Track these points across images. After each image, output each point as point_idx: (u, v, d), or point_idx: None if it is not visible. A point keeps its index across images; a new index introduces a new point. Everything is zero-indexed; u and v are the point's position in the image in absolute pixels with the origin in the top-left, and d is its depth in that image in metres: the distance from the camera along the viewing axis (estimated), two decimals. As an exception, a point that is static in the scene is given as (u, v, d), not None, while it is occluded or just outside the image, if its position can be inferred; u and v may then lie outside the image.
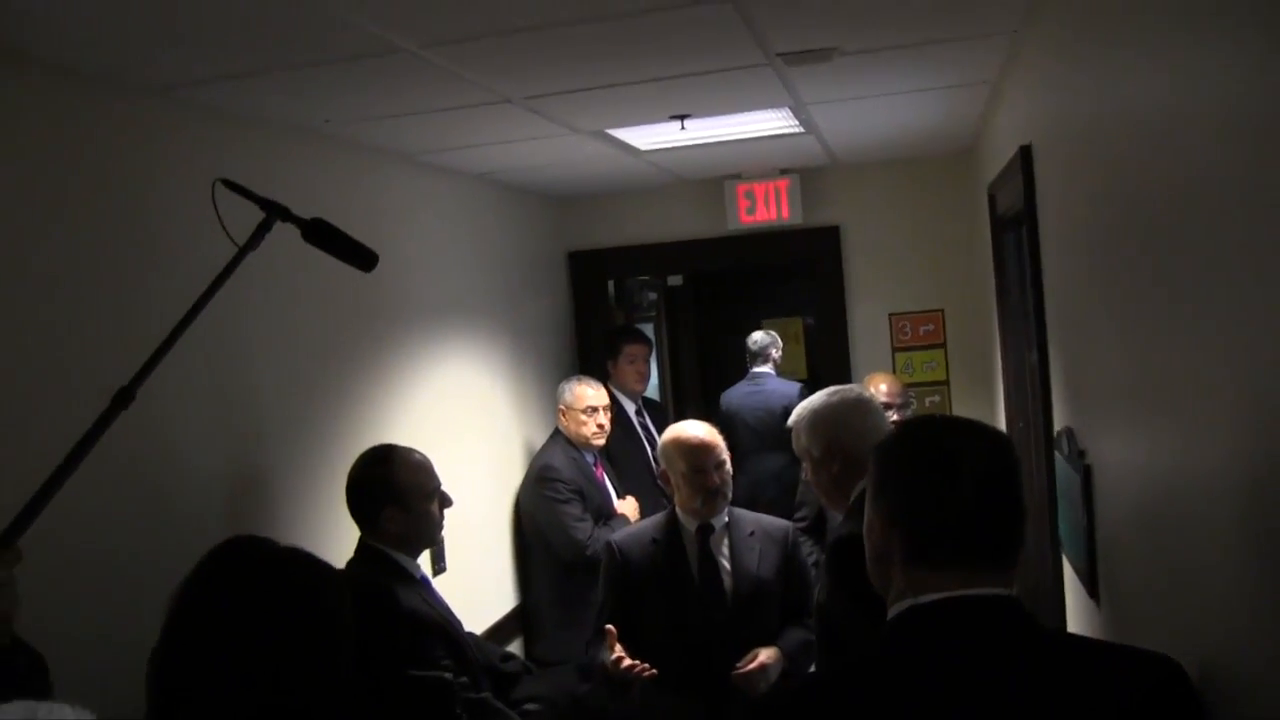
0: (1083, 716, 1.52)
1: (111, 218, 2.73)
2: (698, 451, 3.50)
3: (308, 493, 3.36)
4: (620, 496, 5.09)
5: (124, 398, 2.09)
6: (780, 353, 6.72)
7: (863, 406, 2.98)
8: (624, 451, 5.44)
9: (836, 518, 3.17)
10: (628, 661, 3.26)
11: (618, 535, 3.67)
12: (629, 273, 7.33)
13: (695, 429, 3.59)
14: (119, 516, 2.61)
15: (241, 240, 2.41)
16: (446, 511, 3.19)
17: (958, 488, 1.62)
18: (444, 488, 3.17)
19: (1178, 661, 1.59)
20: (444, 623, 3.03)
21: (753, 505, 5.11)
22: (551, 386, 5.49)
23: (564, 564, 4.74)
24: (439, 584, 3.36)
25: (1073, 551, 2.88)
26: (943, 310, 5.64)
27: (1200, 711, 1.57)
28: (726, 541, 3.56)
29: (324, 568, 1.86)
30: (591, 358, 5.90)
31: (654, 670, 3.26)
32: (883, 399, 4.66)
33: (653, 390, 7.65)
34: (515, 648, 4.91)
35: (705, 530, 3.53)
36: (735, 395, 6.63)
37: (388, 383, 3.95)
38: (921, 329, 5.67)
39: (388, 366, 3.96)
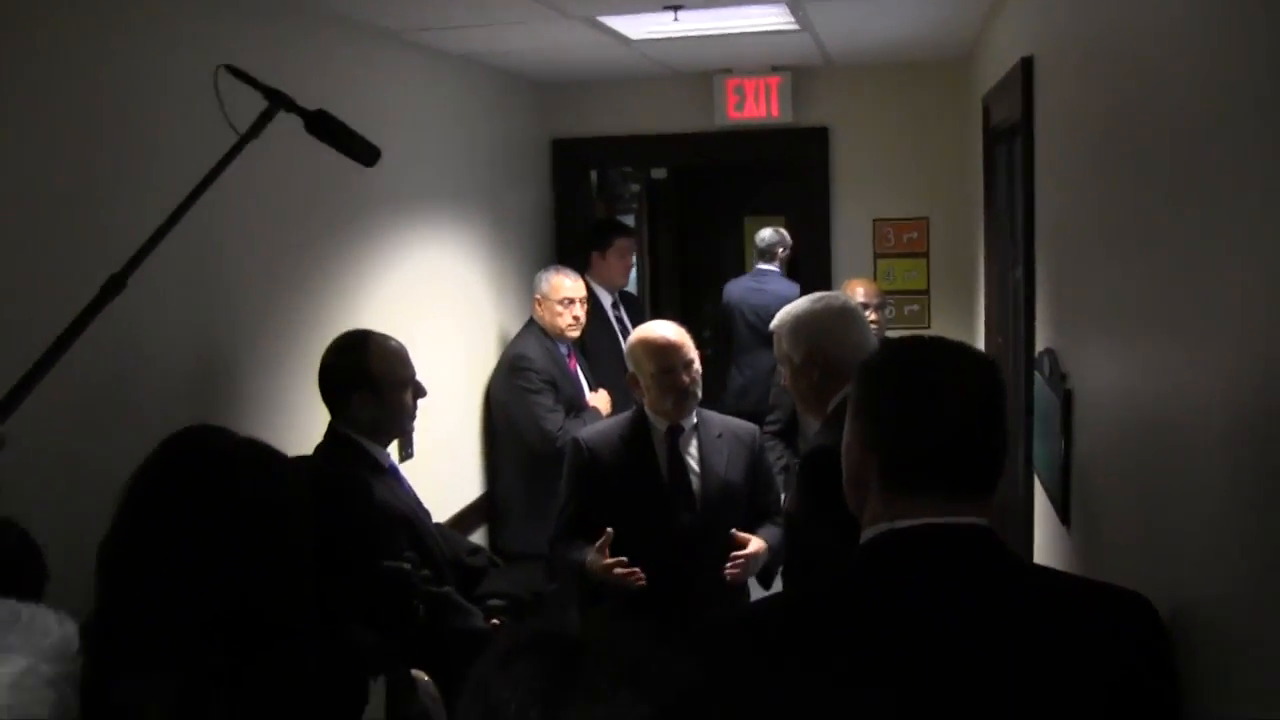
0: (1053, 651, 1.52)
1: (105, 101, 2.64)
2: (666, 352, 3.44)
3: (280, 377, 3.30)
4: (593, 389, 5.07)
5: (115, 285, 2.05)
6: (787, 251, 6.70)
7: (847, 315, 2.94)
8: (599, 345, 5.40)
9: (811, 425, 3.15)
10: (620, 568, 3.27)
11: (585, 432, 3.62)
12: (613, 163, 7.22)
13: (663, 329, 3.53)
14: (87, 405, 2.55)
15: (240, 127, 2.35)
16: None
17: (940, 412, 1.58)
18: (418, 377, 3.13)
19: (1148, 599, 1.58)
20: (410, 514, 3.00)
21: (745, 399, 5.08)
22: (530, 275, 5.42)
23: (533, 455, 4.72)
24: (406, 470, 3.33)
25: (1046, 475, 2.87)
26: (928, 219, 5.58)
27: (1169, 648, 1.57)
28: (695, 443, 3.53)
29: (281, 460, 1.81)
30: (571, 248, 5.82)
31: (643, 577, 3.27)
32: (859, 299, 4.63)
33: (630, 285, 7.59)
34: (480, 536, 4.92)
35: (674, 431, 3.50)
36: (737, 289, 6.74)
37: (364, 267, 3.87)
38: (905, 236, 5.62)
39: (365, 250, 3.88)
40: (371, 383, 2.97)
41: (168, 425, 2.66)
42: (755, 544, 3.41)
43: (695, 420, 3.54)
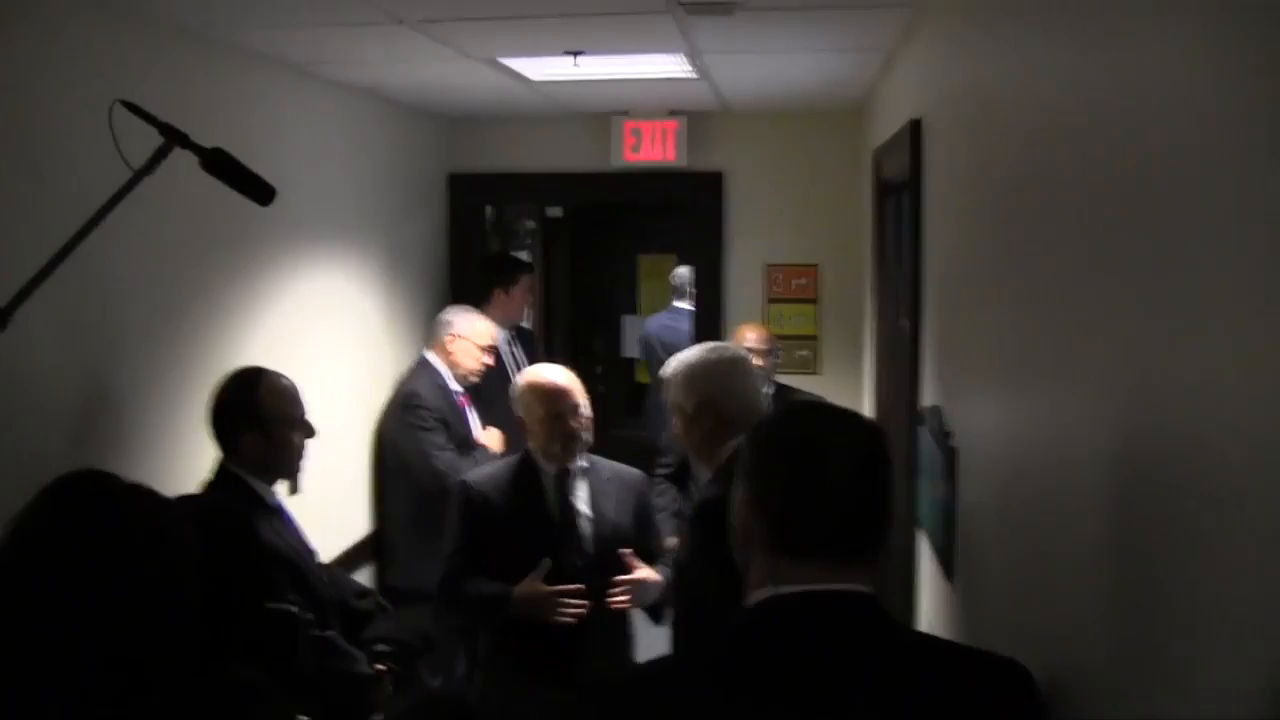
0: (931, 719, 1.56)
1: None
2: (555, 397, 3.45)
3: (168, 414, 3.23)
4: (483, 427, 5.05)
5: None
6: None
7: (740, 366, 2.98)
8: (493, 383, 5.38)
9: (703, 471, 3.18)
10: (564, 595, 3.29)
11: (472, 475, 3.59)
12: (509, 200, 7.22)
13: (552, 374, 3.53)
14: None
15: (134, 160, 2.33)
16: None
17: (823, 479, 1.61)
18: (309, 415, 3.09)
19: (1025, 666, 1.62)
20: (294, 556, 2.96)
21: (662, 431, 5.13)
22: (422, 310, 5.41)
23: (422, 493, 4.68)
24: (293, 505, 3.26)
25: (931, 529, 2.94)
26: (817, 265, 5.68)
27: (1044, 714, 1.61)
28: (585, 487, 3.55)
29: (166, 504, 1.79)
30: (465, 282, 5.80)
31: (585, 605, 3.31)
32: (749, 344, 4.69)
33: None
34: (367, 574, 4.86)
35: (563, 475, 3.51)
36: (654, 324, 7.08)
37: (257, 299, 3.82)
38: (794, 282, 5.70)
39: (258, 282, 3.82)
40: (261, 422, 2.93)
41: (51, 464, 2.59)
42: (644, 571, 3.43)
43: (585, 464, 3.55)
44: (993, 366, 2.29)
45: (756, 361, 4.60)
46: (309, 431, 3.07)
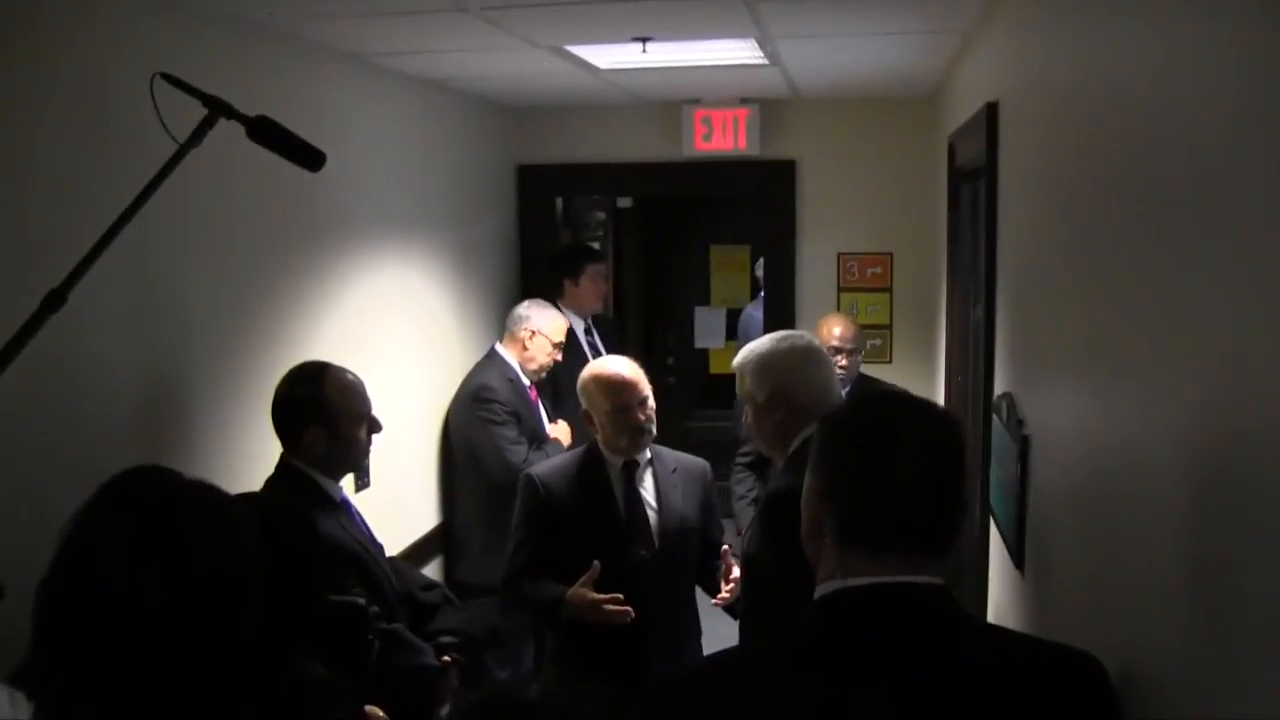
0: (1003, 713, 1.51)
1: (46, 112, 2.57)
2: (621, 390, 3.41)
3: (231, 405, 3.24)
4: (552, 420, 5.03)
5: (55, 300, 2.00)
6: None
7: (812, 355, 2.92)
8: (570, 373, 5.35)
9: (777, 463, 3.13)
10: (610, 604, 3.25)
11: (538, 470, 3.56)
12: (579, 191, 7.21)
13: (617, 366, 3.49)
14: (22, 433, 2.48)
15: (182, 137, 2.30)
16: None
17: (898, 472, 1.57)
18: (376, 409, 3.08)
19: (1097, 659, 1.58)
20: (359, 550, 2.95)
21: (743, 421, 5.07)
22: (492, 304, 5.40)
23: (493, 487, 4.66)
24: (361, 500, 3.28)
25: (1002, 520, 2.85)
26: (891, 254, 5.59)
27: (1117, 709, 1.57)
28: (650, 478, 3.51)
29: (229, 502, 1.76)
30: (535, 275, 5.79)
31: (631, 613, 3.26)
32: (835, 342, 4.61)
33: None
34: (436, 568, 4.86)
35: (630, 467, 3.47)
36: (746, 318, 7.30)
37: (323, 290, 3.82)
38: (869, 271, 5.62)
39: (324, 274, 3.82)
40: (326, 417, 2.92)
41: (110, 451, 2.66)
42: (737, 571, 3.37)
43: (649, 455, 3.51)
44: (1067, 355, 2.22)
45: (841, 362, 4.56)
46: (375, 427, 3.05)
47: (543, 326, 4.92)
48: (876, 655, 1.52)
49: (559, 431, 4.96)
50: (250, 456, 3.16)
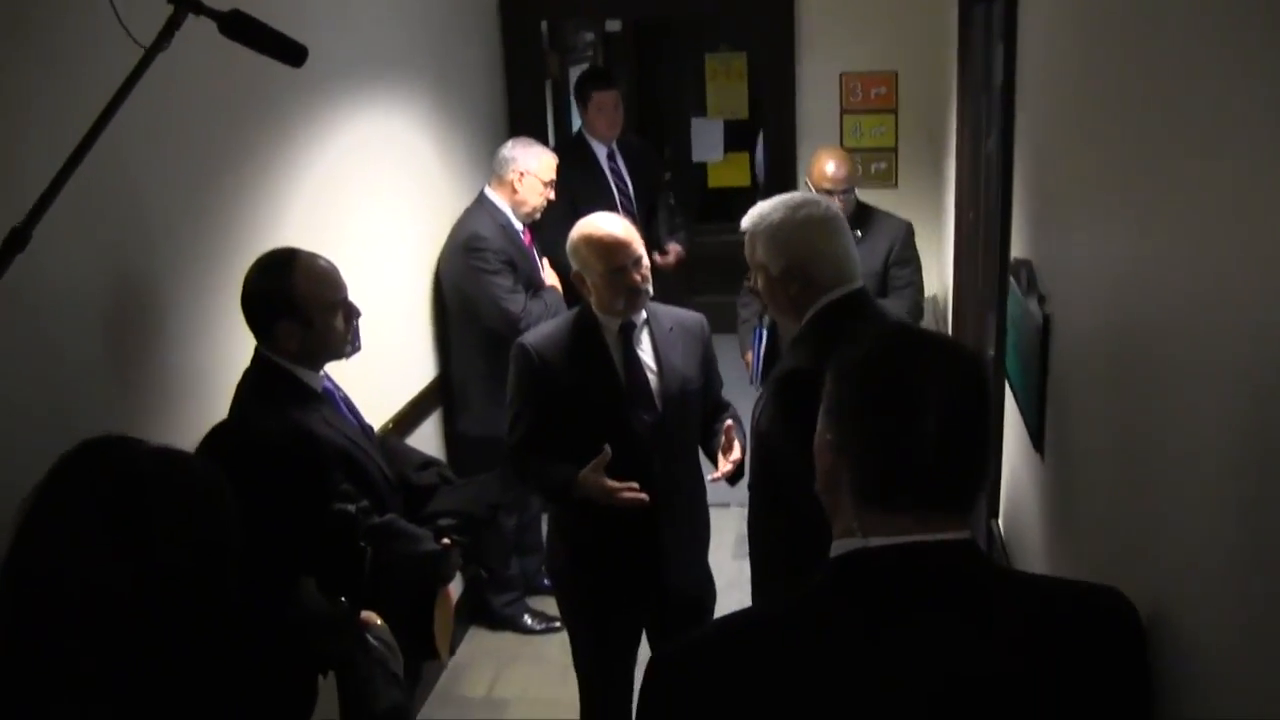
0: (1034, 667, 1.44)
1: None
2: (615, 251, 3.22)
3: (205, 302, 3.05)
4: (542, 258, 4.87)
5: (18, 240, 1.85)
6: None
7: (830, 226, 2.76)
8: (590, 199, 5.18)
9: (789, 328, 3.01)
10: (627, 492, 3.14)
11: (530, 338, 3.39)
12: (565, 13, 6.83)
13: (608, 225, 3.28)
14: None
15: (144, 40, 2.11)
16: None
17: (918, 426, 1.43)
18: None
19: (1125, 597, 1.51)
20: (346, 444, 2.83)
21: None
22: (480, 141, 5.16)
23: (493, 337, 4.53)
24: (354, 361, 3.10)
25: (1021, 394, 2.72)
26: (897, 73, 5.31)
27: (1144, 648, 1.50)
28: (648, 340, 3.37)
29: (193, 470, 1.65)
30: (525, 108, 5.54)
31: (646, 499, 3.15)
32: (827, 185, 4.42)
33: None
34: (435, 420, 4.77)
35: (627, 329, 3.33)
36: None
37: (299, 149, 3.57)
38: (873, 91, 5.35)
39: (295, 127, 3.56)
40: (297, 309, 2.75)
41: (86, 376, 2.52)
42: (737, 451, 3.27)
43: (644, 315, 3.36)
44: (1098, 217, 2.00)
45: (834, 203, 4.36)
46: (353, 313, 2.89)
47: (531, 166, 4.70)
48: (900, 618, 1.43)
49: (554, 277, 4.80)
50: (227, 351, 3.01)
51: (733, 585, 3.77)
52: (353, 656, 2.17)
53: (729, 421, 3.35)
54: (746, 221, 2.86)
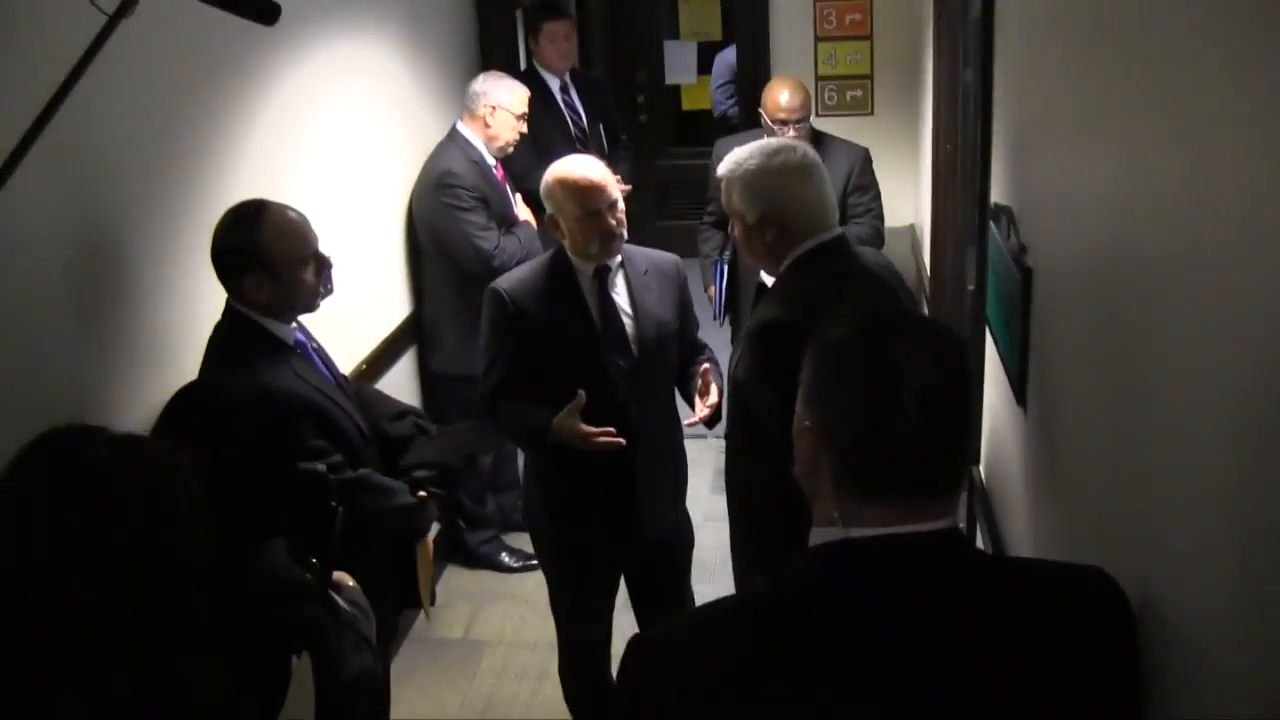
0: (1021, 654, 1.42)
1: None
2: (590, 194, 3.15)
3: (176, 255, 2.98)
4: (519, 198, 4.80)
5: None
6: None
7: (807, 172, 2.71)
8: (546, 132, 5.11)
9: (764, 272, 2.97)
10: (602, 436, 3.10)
11: (503, 282, 3.31)
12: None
13: (583, 168, 3.20)
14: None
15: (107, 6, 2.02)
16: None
17: (898, 413, 1.39)
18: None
19: (1112, 579, 1.49)
20: (319, 397, 2.79)
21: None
22: (452, 70, 5.05)
23: (466, 275, 4.49)
24: (326, 303, 3.04)
25: (1002, 342, 2.69)
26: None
27: (1133, 629, 1.48)
28: (623, 283, 3.31)
29: (155, 458, 1.61)
30: (496, 39, 5.41)
31: (622, 442, 3.12)
32: (781, 114, 4.35)
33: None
34: (410, 358, 4.72)
35: (602, 273, 3.27)
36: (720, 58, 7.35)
37: (261, 75, 3.46)
38: (848, 18, 5.26)
39: (259, 57, 3.45)
40: (265, 263, 2.69)
41: (52, 337, 2.46)
42: (714, 395, 3.24)
43: (619, 258, 3.31)
44: (1079, 158, 1.94)
45: (789, 133, 4.31)
46: (324, 263, 2.83)
47: (502, 100, 4.60)
48: (886, 610, 1.40)
49: (528, 213, 4.73)
50: (193, 307, 2.95)
51: (709, 518, 3.76)
52: (320, 623, 2.14)
53: (705, 364, 3.32)
54: (722, 168, 2.82)
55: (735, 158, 2.78)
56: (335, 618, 2.24)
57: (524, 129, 4.68)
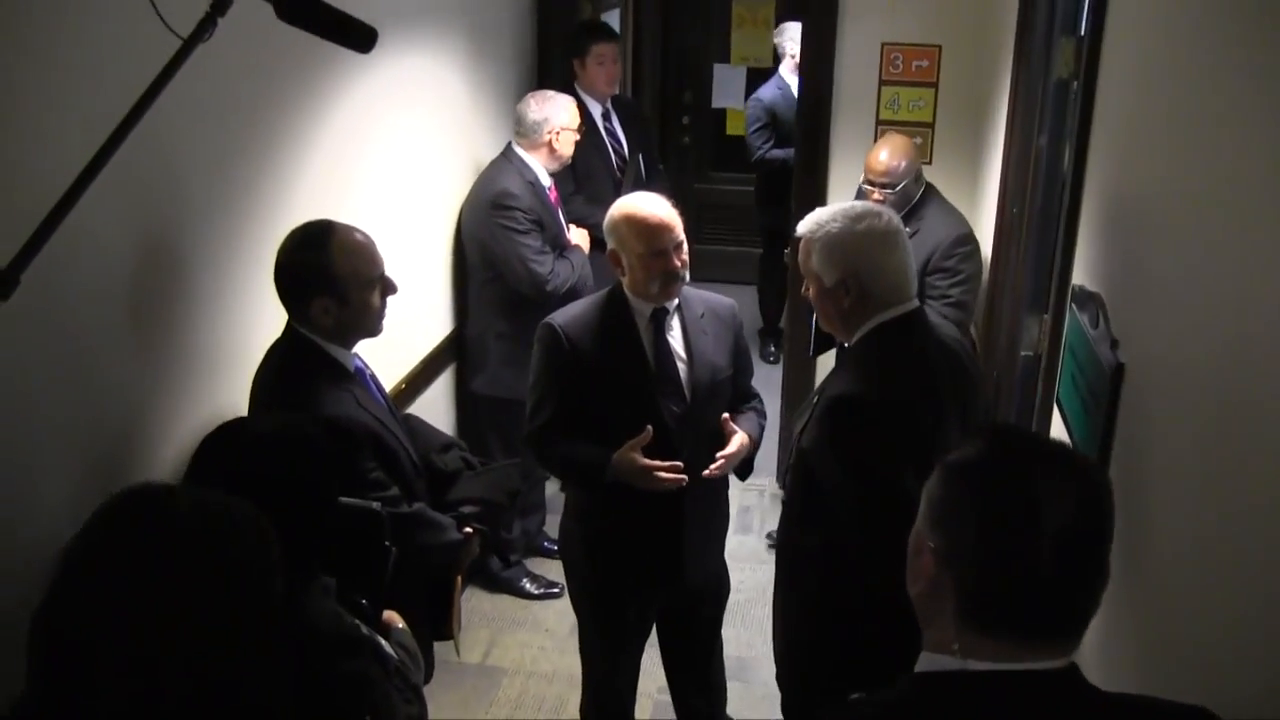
0: None
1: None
2: (657, 233, 3.09)
3: (238, 272, 2.94)
4: (569, 224, 4.74)
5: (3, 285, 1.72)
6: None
7: (891, 240, 2.65)
8: (589, 163, 5.04)
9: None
10: (667, 472, 3.06)
11: (559, 318, 3.24)
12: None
13: (652, 206, 3.14)
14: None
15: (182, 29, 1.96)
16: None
17: (1034, 550, 1.32)
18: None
19: (1217, 716, 1.42)
20: (377, 426, 2.73)
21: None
22: (510, 91, 4.99)
23: (513, 296, 4.44)
24: None
25: (1078, 435, 2.59)
26: (940, 47, 5.12)
27: None
28: (679, 326, 3.25)
29: (231, 517, 1.55)
30: (555, 56, 5.35)
31: (685, 479, 3.08)
32: (868, 175, 4.28)
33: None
34: (448, 377, 4.66)
35: (659, 314, 3.21)
36: (768, 93, 6.96)
37: (323, 105, 3.41)
38: (914, 64, 5.17)
39: (324, 88, 3.41)
40: (334, 286, 2.64)
41: (116, 350, 2.40)
42: (738, 440, 3.20)
43: (676, 301, 3.24)
44: (1202, 255, 1.82)
45: (874, 196, 4.23)
46: (390, 289, 2.78)
47: (563, 121, 4.53)
48: None
49: (580, 238, 4.67)
50: (258, 326, 2.90)
51: (733, 557, 3.68)
52: (371, 677, 2.08)
53: (725, 414, 3.24)
54: (803, 228, 2.76)
55: (817, 218, 2.72)
56: (384, 668, 2.18)
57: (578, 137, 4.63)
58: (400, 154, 4.00)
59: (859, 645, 2.63)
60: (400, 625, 2.46)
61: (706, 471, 3.16)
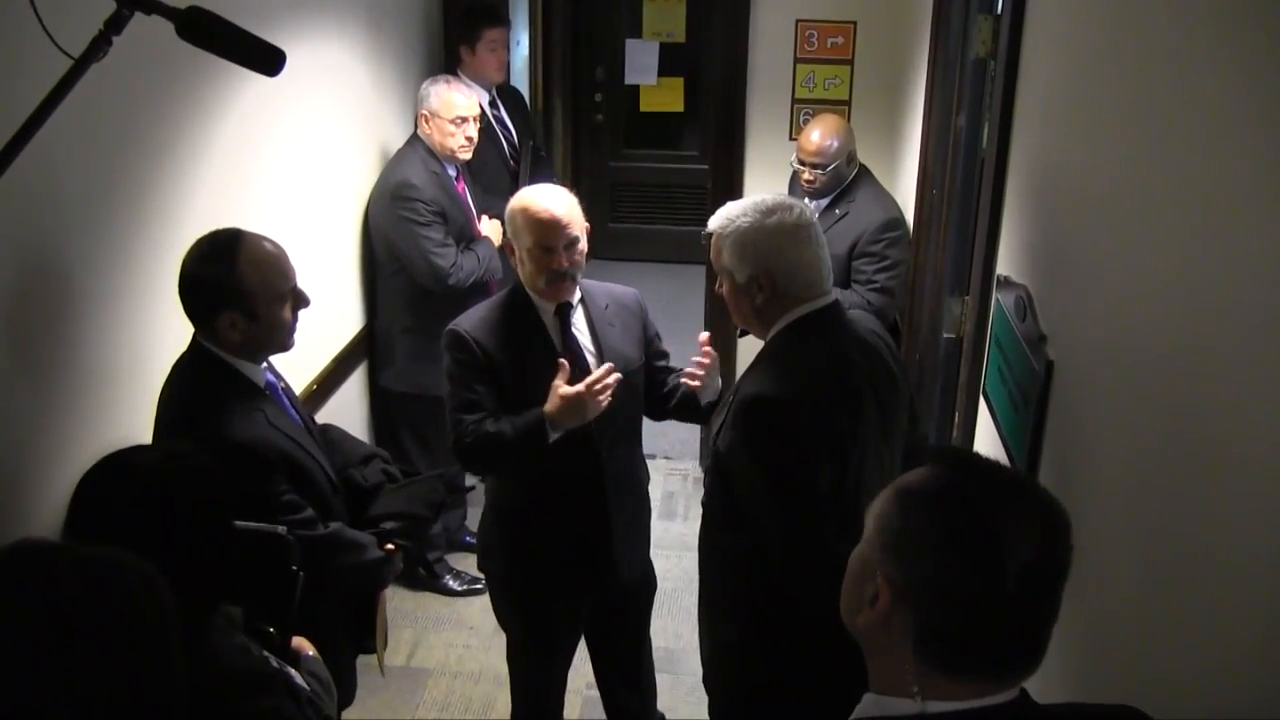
0: None
1: None
2: (549, 229, 3.00)
3: (132, 281, 2.78)
4: (480, 214, 4.62)
5: None
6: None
7: (802, 234, 2.57)
8: (479, 149, 4.84)
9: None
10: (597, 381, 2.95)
11: (464, 323, 3.11)
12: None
13: (550, 200, 3.04)
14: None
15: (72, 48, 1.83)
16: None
17: (1000, 583, 1.27)
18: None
19: (1146, 715, 1.41)
20: (290, 445, 2.61)
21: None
22: (414, 77, 4.85)
23: (419, 289, 4.33)
24: None
25: (1006, 429, 2.58)
26: (855, 23, 5.08)
27: None
28: (584, 322, 3.18)
29: (118, 572, 1.44)
30: (460, 38, 5.20)
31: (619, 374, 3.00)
32: (799, 153, 4.24)
33: (520, 72, 7.01)
34: (361, 374, 4.53)
35: (565, 310, 3.13)
36: None
37: (217, 95, 3.24)
38: (829, 41, 5.12)
39: (216, 76, 3.20)
40: (242, 301, 2.50)
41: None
42: (714, 363, 3.16)
43: (579, 294, 3.17)
44: (1132, 248, 1.79)
45: (805, 175, 4.19)
46: (302, 302, 2.65)
47: (435, 106, 4.37)
48: None
49: (489, 229, 4.54)
50: (156, 340, 2.76)
51: (657, 545, 3.60)
52: (281, 713, 1.99)
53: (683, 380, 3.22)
54: (714, 223, 2.67)
55: (728, 213, 2.64)
56: (295, 701, 2.09)
57: (470, 133, 4.44)
58: (304, 143, 3.84)
59: (786, 652, 2.59)
60: (311, 653, 2.37)
61: (685, 379, 3.17)
